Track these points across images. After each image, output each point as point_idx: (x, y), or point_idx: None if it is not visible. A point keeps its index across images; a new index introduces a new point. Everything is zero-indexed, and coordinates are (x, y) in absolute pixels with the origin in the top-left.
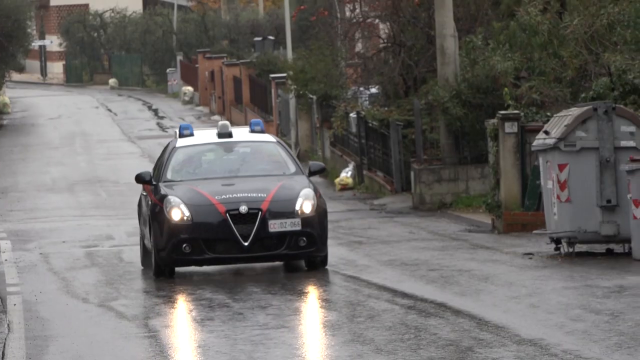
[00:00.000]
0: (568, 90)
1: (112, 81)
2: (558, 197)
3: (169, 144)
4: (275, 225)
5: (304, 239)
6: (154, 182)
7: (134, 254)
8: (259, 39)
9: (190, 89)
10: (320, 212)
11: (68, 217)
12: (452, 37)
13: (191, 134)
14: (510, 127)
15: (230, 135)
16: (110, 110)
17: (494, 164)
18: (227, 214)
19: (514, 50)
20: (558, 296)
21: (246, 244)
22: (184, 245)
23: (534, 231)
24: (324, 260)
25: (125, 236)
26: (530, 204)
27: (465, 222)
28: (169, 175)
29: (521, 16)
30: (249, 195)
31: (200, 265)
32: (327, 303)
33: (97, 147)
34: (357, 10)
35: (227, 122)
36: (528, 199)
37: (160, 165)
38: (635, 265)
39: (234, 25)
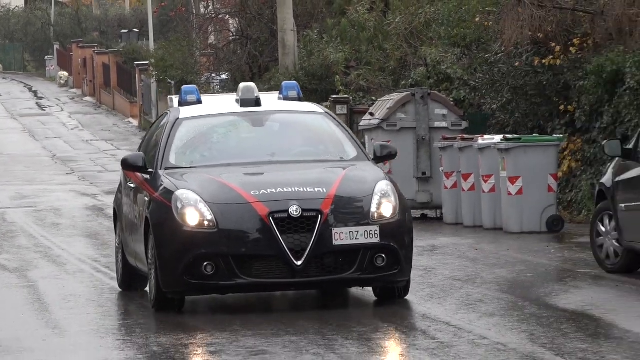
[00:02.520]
0: (391, 78)
1: None
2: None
3: (165, 114)
4: (342, 236)
5: (383, 256)
6: (150, 170)
7: (17, 216)
8: (125, 31)
9: (65, 73)
10: (405, 217)
11: None
12: (292, 31)
13: (198, 101)
14: (341, 109)
15: (258, 102)
16: None
17: None
18: (270, 218)
19: (344, 43)
20: None
21: (299, 263)
22: (205, 264)
23: None
24: (406, 288)
25: (9, 200)
26: None
27: None
28: (172, 159)
29: (351, 14)
30: (301, 189)
31: (225, 293)
32: None
33: None
34: (210, 7)
35: (253, 84)
36: None
37: (156, 144)
38: (445, 229)
39: (103, 19)
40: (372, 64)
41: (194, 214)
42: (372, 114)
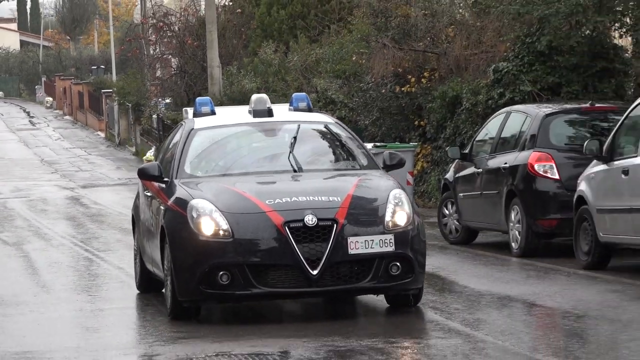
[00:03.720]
0: None
1: (0, 93)
2: None
3: (180, 125)
4: (357, 245)
5: (398, 264)
6: (166, 179)
7: (15, 204)
8: (95, 67)
9: (50, 98)
10: (418, 226)
11: None
12: (218, 67)
13: (212, 112)
14: None
15: (270, 113)
16: None
17: None
18: (286, 228)
19: (256, 76)
20: None
21: (314, 272)
22: (221, 274)
23: None
24: (419, 296)
25: (9, 192)
26: None
27: None
28: (187, 169)
29: (261, 54)
30: (315, 199)
31: (241, 302)
32: None
33: None
34: (157, 50)
35: (265, 96)
36: None
37: (172, 154)
38: None
39: (78, 58)
40: (277, 91)
41: (210, 223)
42: None
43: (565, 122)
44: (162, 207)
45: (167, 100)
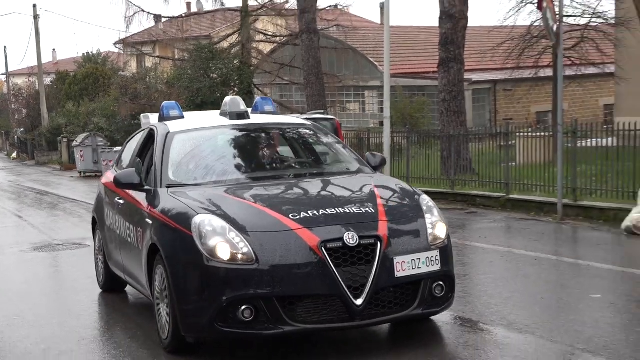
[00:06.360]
0: (82, 128)
1: None
2: None
3: (146, 130)
4: (404, 265)
5: (442, 284)
6: (148, 187)
7: None
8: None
9: None
10: (448, 238)
11: None
12: (46, 114)
13: (181, 116)
14: (65, 139)
15: (246, 115)
16: None
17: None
18: (323, 249)
19: (65, 117)
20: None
21: (359, 302)
22: (243, 309)
23: None
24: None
25: None
26: None
27: (53, 168)
28: (171, 176)
29: (67, 107)
30: (347, 210)
31: (262, 339)
32: None
33: None
34: (15, 106)
35: (239, 97)
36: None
37: (144, 160)
38: None
39: None
40: (78, 121)
41: (224, 245)
42: (76, 141)
43: None
44: (149, 220)
45: (22, 129)
